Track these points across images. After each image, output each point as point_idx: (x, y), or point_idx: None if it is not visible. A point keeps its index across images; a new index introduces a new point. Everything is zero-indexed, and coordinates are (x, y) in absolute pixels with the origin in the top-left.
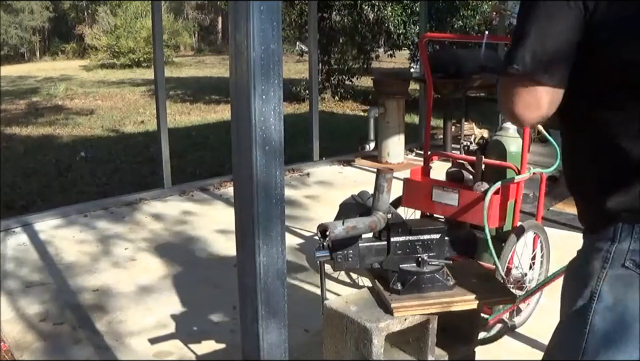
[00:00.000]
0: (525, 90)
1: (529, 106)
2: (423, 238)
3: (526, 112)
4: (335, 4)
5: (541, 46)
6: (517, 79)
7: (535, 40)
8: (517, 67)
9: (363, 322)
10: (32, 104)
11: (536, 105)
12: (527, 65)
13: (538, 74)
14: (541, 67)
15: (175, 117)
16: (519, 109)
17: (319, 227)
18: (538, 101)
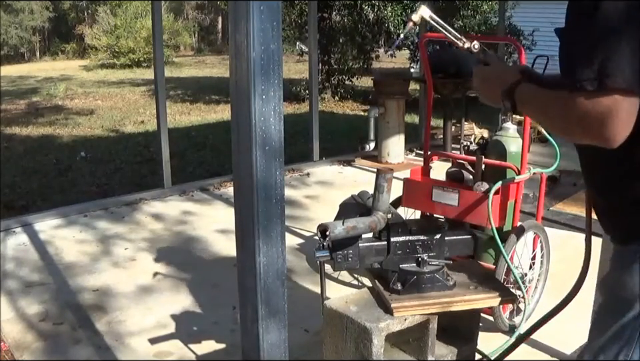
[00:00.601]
0: (624, 107)
1: (626, 124)
2: (423, 238)
3: (623, 131)
4: (335, 4)
5: (638, 57)
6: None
7: (631, 51)
8: (619, 80)
9: (363, 322)
10: (32, 104)
11: (631, 121)
12: (629, 78)
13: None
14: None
15: (175, 117)
16: (616, 128)
17: (319, 227)
18: (633, 115)
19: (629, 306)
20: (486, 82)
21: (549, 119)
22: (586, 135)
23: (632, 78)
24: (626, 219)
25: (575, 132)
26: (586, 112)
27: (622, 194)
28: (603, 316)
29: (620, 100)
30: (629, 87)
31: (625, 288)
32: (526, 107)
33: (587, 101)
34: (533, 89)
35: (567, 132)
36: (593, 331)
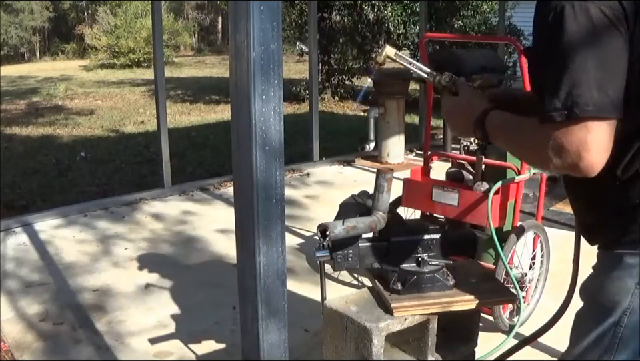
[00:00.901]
0: (598, 134)
1: (603, 151)
2: (423, 238)
3: (600, 159)
4: (335, 4)
5: (606, 79)
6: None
7: (598, 74)
8: (589, 108)
9: (363, 322)
10: (32, 104)
11: (607, 146)
12: (598, 103)
13: (611, 110)
14: (609, 102)
15: (175, 117)
16: (592, 158)
17: (319, 227)
18: (609, 140)
19: (609, 312)
20: (455, 113)
21: (521, 150)
22: (562, 168)
23: (602, 103)
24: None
25: (550, 164)
26: (559, 144)
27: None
28: (584, 321)
29: (593, 128)
30: (600, 113)
31: (606, 294)
32: (498, 137)
33: (558, 133)
34: (503, 118)
35: (542, 164)
36: (573, 335)
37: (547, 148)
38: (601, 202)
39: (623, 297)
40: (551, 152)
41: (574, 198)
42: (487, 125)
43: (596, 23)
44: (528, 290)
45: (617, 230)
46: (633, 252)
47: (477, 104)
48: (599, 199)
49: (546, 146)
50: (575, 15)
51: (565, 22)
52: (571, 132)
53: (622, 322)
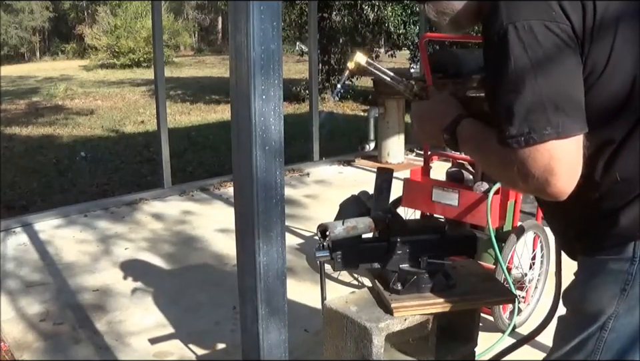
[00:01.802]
0: (565, 155)
1: (571, 169)
2: (423, 238)
3: (569, 178)
4: (335, 4)
5: (561, 97)
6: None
7: (552, 94)
8: (547, 131)
9: (363, 322)
10: (32, 104)
11: (576, 163)
12: (556, 124)
13: (571, 127)
14: (569, 120)
15: (175, 117)
16: (561, 179)
17: (319, 227)
18: (576, 157)
19: (594, 319)
20: (425, 118)
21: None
22: (530, 192)
23: (561, 123)
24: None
25: (517, 187)
26: (524, 171)
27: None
28: (567, 326)
29: (556, 150)
30: (561, 133)
31: (590, 301)
32: (467, 148)
33: (522, 159)
34: (475, 128)
35: (509, 185)
36: (556, 339)
37: (513, 172)
38: (580, 212)
39: (608, 303)
40: (517, 177)
41: (550, 216)
42: (457, 133)
43: (542, 41)
44: (528, 290)
45: (598, 237)
46: (617, 257)
47: (449, 110)
48: (577, 210)
49: (511, 170)
50: (519, 36)
51: (510, 45)
52: (534, 158)
53: (607, 326)
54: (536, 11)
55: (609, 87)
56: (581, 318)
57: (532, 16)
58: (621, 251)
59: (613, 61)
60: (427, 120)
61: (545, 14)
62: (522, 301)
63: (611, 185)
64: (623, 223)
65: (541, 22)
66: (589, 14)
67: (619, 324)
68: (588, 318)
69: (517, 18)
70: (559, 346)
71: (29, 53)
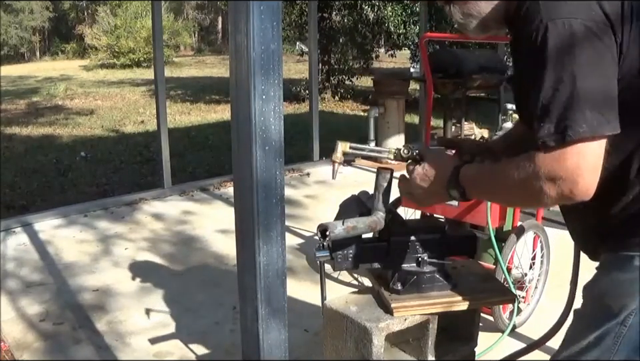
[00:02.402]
0: (591, 155)
1: (594, 170)
2: (423, 238)
3: (593, 179)
4: (335, 4)
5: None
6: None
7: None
8: (583, 129)
9: (363, 322)
10: (32, 104)
11: (599, 164)
12: (592, 123)
13: (605, 127)
14: (604, 120)
15: (175, 117)
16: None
17: (319, 227)
18: (599, 159)
19: (615, 314)
20: (425, 182)
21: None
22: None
23: (596, 122)
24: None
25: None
26: (553, 173)
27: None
28: (585, 320)
29: (586, 151)
30: (595, 133)
31: (613, 296)
32: (476, 189)
33: (551, 161)
34: (477, 168)
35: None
36: (570, 333)
37: (539, 180)
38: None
39: (631, 299)
40: (544, 183)
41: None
42: (461, 181)
43: (581, 41)
44: (528, 290)
45: (626, 234)
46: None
47: (446, 164)
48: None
49: (537, 179)
50: (559, 34)
51: (549, 42)
52: (564, 158)
53: (626, 322)
54: (576, 10)
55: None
56: (601, 313)
57: (572, 15)
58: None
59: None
60: (427, 182)
61: (584, 14)
62: (522, 301)
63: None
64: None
65: (581, 21)
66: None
67: (637, 321)
68: (608, 313)
69: (557, 16)
70: (575, 339)
71: (29, 53)
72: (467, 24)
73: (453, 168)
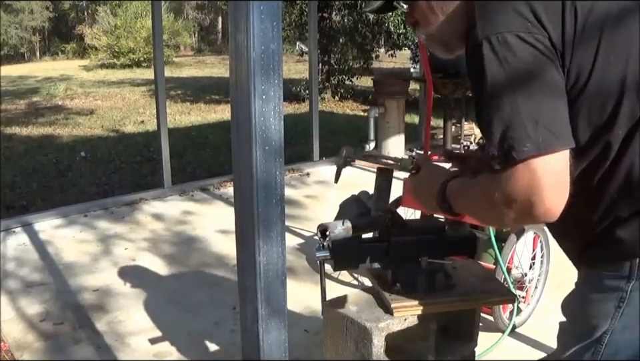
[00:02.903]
0: (544, 170)
1: (556, 186)
2: (423, 238)
3: (556, 196)
4: (335, 4)
5: (542, 111)
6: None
7: (531, 109)
8: (526, 148)
9: (363, 322)
10: (32, 104)
11: (562, 179)
12: (536, 140)
13: (554, 142)
14: (550, 135)
15: (175, 117)
16: (546, 198)
17: (319, 227)
18: (562, 173)
19: (590, 333)
20: (420, 192)
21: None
22: (517, 220)
23: (542, 138)
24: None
25: (505, 219)
26: (506, 195)
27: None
28: (565, 336)
29: (537, 168)
30: (542, 149)
31: (585, 317)
32: (458, 205)
33: (503, 182)
34: (460, 183)
35: (496, 221)
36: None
37: (495, 205)
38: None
39: (602, 321)
40: (500, 207)
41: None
42: (447, 197)
43: (517, 54)
44: (528, 290)
45: (599, 252)
46: (614, 274)
47: (436, 179)
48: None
49: (493, 203)
50: (494, 51)
51: (485, 60)
52: (515, 179)
53: (603, 340)
54: (509, 23)
55: (597, 97)
56: (578, 330)
57: (505, 29)
58: (617, 268)
59: (599, 68)
60: (422, 194)
61: (518, 26)
62: (522, 301)
63: (607, 202)
64: (621, 240)
65: (515, 34)
66: (568, 21)
67: (615, 340)
68: (584, 331)
69: (491, 32)
70: (561, 350)
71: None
72: (431, 46)
73: (440, 186)
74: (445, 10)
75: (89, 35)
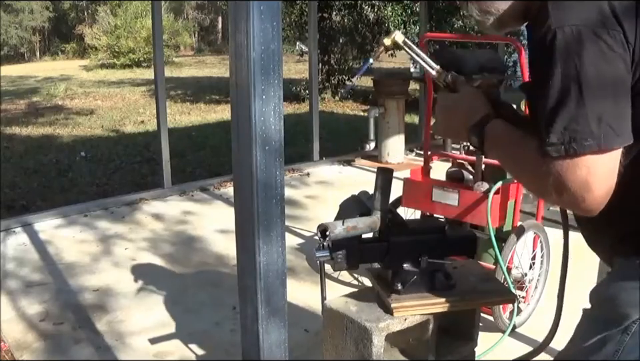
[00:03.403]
0: (601, 169)
1: (606, 185)
2: (423, 238)
3: (603, 194)
4: (335, 4)
5: (606, 108)
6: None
7: (596, 104)
8: (588, 143)
9: (363, 322)
10: (32, 104)
11: (611, 178)
12: (598, 136)
13: (613, 140)
14: (611, 133)
15: (175, 117)
16: (595, 196)
17: (319, 227)
18: (612, 172)
19: (618, 321)
20: (452, 112)
21: (520, 175)
22: (561, 205)
23: (603, 135)
24: (631, 237)
25: (549, 198)
26: (560, 182)
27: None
28: (589, 322)
29: (595, 165)
30: (602, 146)
31: (617, 304)
32: (495, 150)
33: (559, 170)
34: (505, 130)
35: (540, 195)
36: (577, 331)
37: (547, 183)
38: (624, 218)
39: (633, 309)
40: (551, 188)
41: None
42: (486, 133)
43: (589, 49)
44: (528, 290)
45: (636, 238)
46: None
47: (478, 107)
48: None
49: (546, 180)
50: (567, 42)
51: (556, 51)
52: (572, 171)
53: (629, 330)
54: (585, 16)
55: None
56: (604, 318)
57: (581, 21)
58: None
59: None
60: (453, 115)
61: (594, 20)
62: (522, 301)
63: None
64: None
65: (590, 28)
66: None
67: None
68: (611, 319)
69: (566, 23)
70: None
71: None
72: (484, 21)
73: (484, 115)
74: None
75: (89, 35)
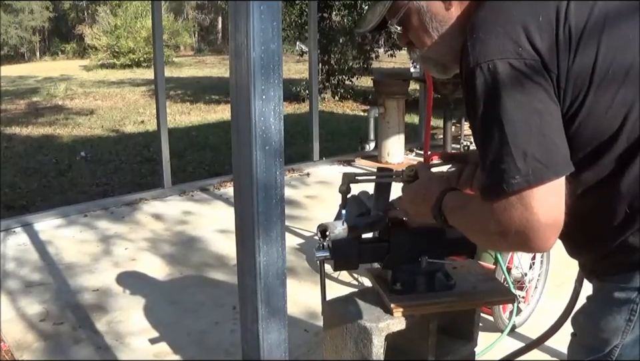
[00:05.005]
0: (537, 202)
1: (550, 218)
2: (423, 238)
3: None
4: (335, 4)
5: (532, 142)
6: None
7: (520, 140)
8: (516, 181)
9: (363, 322)
10: (32, 104)
11: (557, 209)
12: (526, 172)
13: (545, 174)
14: (541, 166)
15: (175, 117)
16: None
17: (319, 227)
18: (557, 203)
19: (599, 347)
20: (414, 203)
21: (472, 234)
22: (515, 250)
23: (532, 170)
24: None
25: (501, 245)
26: (501, 226)
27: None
28: (576, 347)
29: (529, 201)
30: (531, 182)
31: (595, 331)
32: (454, 221)
33: (497, 213)
34: (456, 198)
35: (493, 248)
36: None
37: (490, 229)
38: (592, 243)
39: (613, 335)
40: (495, 234)
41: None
42: (443, 210)
43: (507, 82)
44: (528, 290)
45: (610, 263)
46: (625, 286)
47: (433, 189)
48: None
49: (488, 226)
50: (485, 78)
51: (477, 88)
52: (508, 212)
53: (613, 353)
54: (500, 49)
55: (598, 116)
56: (588, 344)
57: (496, 55)
58: (628, 279)
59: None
60: (416, 205)
61: (509, 51)
62: (522, 301)
63: (622, 215)
64: (632, 250)
65: (505, 60)
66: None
67: (625, 354)
68: (595, 346)
69: (482, 60)
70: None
71: (29, 53)
72: (427, 66)
73: (440, 193)
74: (439, 31)
75: (89, 35)
